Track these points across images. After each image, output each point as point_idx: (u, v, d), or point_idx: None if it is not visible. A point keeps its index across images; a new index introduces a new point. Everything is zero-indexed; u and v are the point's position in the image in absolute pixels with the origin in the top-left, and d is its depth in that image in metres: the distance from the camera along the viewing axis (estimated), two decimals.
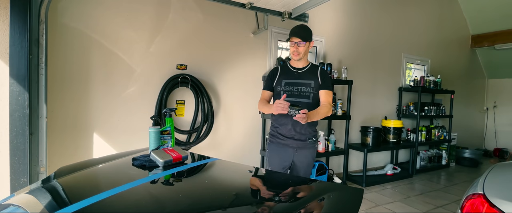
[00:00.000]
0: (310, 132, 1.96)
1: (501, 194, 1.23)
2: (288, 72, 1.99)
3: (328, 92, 1.93)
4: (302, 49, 1.90)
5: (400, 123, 4.20)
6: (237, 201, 0.92)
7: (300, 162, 1.96)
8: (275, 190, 1.08)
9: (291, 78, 1.96)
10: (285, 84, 1.94)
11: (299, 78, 1.94)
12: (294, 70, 1.98)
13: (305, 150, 1.95)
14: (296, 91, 1.92)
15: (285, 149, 1.95)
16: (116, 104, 2.52)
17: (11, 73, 1.90)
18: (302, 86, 1.93)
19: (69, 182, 1.04)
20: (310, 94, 1.92)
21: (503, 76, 6.34)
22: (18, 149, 1.93)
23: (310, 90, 1.92)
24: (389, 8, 4.46)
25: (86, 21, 2.36)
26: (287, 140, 1.94)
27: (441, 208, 3.04)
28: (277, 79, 1.98)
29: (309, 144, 1.96)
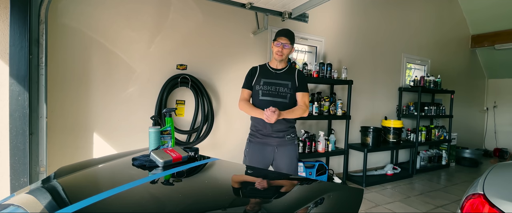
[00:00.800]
0: (288, 128, 2.01)
1: (501, 194, 1.23)
2: (267, 72, 2.05)
3: (305, 94, 2.03)
4: (286, 51, 1.98)
5: (400, 123, 4.20)
6: (237, 201, 0.92)
7: (281, 159, 1.99)
8: (275, 190, 1.08)
9: (269, 78, 2.02)
10: (263, 84, 2.00)
11: (277, 79, 2.01)
12: (273, 70, 2.04)
13: (284, 147, 2.00)
14: (274, 90, 1.99)
15: (264, 148, 2.01)
16: (116, 104, 2.53)
17: (11, 73, 1.90)
18: (279, 86, 1.99)
19: (69, 182, 1.04)
20: (287, 94, 1.99)
21: (503, 76, 6.34)
22: (18, 149, 1.93)
23: (287, 90, 1.99)
24: (389, 8, 4.46)
25: (86, 21, 2.36)
26: (266, 138, 1.99)
27: (441, 208, 3.04)
28: (256, 78, 2.04)
29: (288, 141, 2.01)
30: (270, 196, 1.00)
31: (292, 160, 2.02)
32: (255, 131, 2.04)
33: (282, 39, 1.96)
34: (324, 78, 3.48)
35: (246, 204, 0.90)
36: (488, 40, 5.78)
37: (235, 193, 1.00)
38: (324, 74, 3.49)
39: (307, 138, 3.36)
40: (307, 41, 3.65)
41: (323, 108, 3.50)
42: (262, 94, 1.99)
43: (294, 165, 2.03)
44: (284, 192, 1.06)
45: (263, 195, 1.01)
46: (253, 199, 0.95)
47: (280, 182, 1.18)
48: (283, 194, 1.03)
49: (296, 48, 3.71)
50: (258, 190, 1.07)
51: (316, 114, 3.38)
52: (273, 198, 0.98)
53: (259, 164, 2.00)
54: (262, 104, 1.96)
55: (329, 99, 3.60)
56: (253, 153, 2.03)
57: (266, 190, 1.08)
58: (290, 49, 2.00)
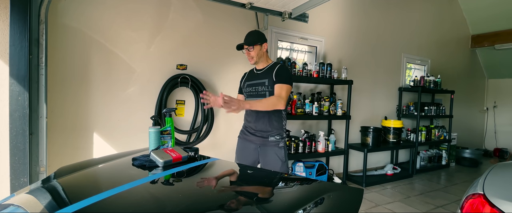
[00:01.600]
0: (272, 129, 1.95)
1: (501, 194, 1.23)
2: (251, 74, 2.12)
3: (281, 86, 1.88)
4: (253, 53, 1.98)
5: (400, 123, 4.20)
6: (237, 201, 0.92)
7: (264, 160, 1.99)
8: (275, 190, 1.08)
9: (251, 79, 2.08)
10: (246, 86, 2.09)
11: (257, 78, 2.04)
12: (256, 71, 2.09)
13: (267, 148, 1.97)
14: (254, 91, 2.03)
15: (248, 145, 2.05)
16: (116, 104, 2.52)
17: (11, 73, 1.90)
18: (258, 85, 2.02)
19: (69, 182, 1.04)
20: (266, 92, 1.97)
21: (503, 76, 6.34)
22: (18, 149, 1.93)
23: (265, 88, 1.97)
24: (389, 8, 4.46)
25: (86, 21, 2.36)
26: (251, 136, 2.03)
27: (441, 208, 3.04)
28: (243, 83, 2.14)
29: (272, 143, 1.96)
30: (270, 196, 1.00)
31: (275, 163, 1.95)
32: (243, 127, 2.13)
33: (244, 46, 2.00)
34: (324, 78, 3.48)
35: (246, 204, 0.90)
36: (488, 40, 5.78)
37: (235, 193, 1.00)
38: (324, 74, 3.49)
39: (307, 138, 3.36)
40: (307, 41, 3.65)
41: (323, 108, 3.50)
42: (247, 96, 2.10)
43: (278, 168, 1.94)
44: (284, 192, 1.06)
45: (263, 195, 1.01)
46: (253, 199, 0.95)
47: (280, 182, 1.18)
48: (283, 194, 1.03)
49: (296, 48, 3.72)
50: (258, 191, 1.07)
51: (316, 114, 3.38)
52: (273, 198, 0.98)
53: (244, 160, 2.05)
54: None
55: (329, 99, 3.60)
56: (238, 148, 2.13)
57: (266, 190, 1.08)
58: (257, 48, 1.97)
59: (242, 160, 2.08)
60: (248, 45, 1.97)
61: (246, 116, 2.09)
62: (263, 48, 2.01)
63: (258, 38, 1.98)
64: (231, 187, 1.09)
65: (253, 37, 1.98)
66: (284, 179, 1.26)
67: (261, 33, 2.01)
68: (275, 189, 1.09)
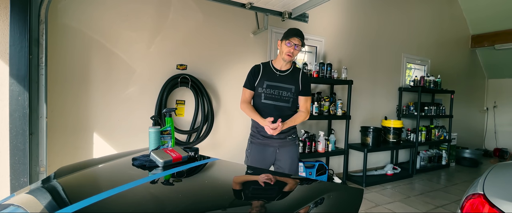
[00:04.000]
0: (289, 130, 1.99)
1: (501, 194, 1.23)
2: (270, 73, 1.97)
3: (307, 98, 2.00)
4: (297, 53, 1.92)
5: (400, 123, 4.20)
6: (237, 201, 0.92)
7: (283, 160, 1.99)
8: (275, 190, 1.08)
9: (273, 80, 1.95)
10: (266, 87, 1.94)
11: (281, 82, 1.95)
12: (277, 72, 1.97)
13: (286, 148, 1.99)
14: (277, 94, 1.94)
15: (266, 149, 1.99)
16: (116, 104, 2.52)
17: (11, 73, 1.90)
18: (283, 90, 1.94)
19: (69, 182, 1.04)
20: (290, 99, 1.96)
21: (503, 76, 6.33)
22: (18, 149, 1.93)
23: (291, 95, 1.95)
24: (389, 8, 4.46)
25: (86, 21, 2.36)
26: (267, 140, 1.97)
27: (441, 208, 3.04)
28: (259, 80, 1.96)
29: (290, 141, 2.00)
30: (270, 196, 1.00)
31: (293, 161, 2.01)
32: (256, 132, 2.00)
33: (295, 40, 1.86)
34: (324, 78, 3.48)
35: (246, 204, 0.90)
36: (488, 40, 5.78)
37: (235, 193, 1.00)
38: (324, 74, 3.49)
39: (307, 138, 3.36)
40: (307, 41, 3.63)
41: (323, 108, 3.50)
42: (265, 97, 1.94)
43: (295, 165, 2.03)
44: (284, 192, 1.06)
45: (263, 195, 1.01)
46: (253, 199, 0.95)
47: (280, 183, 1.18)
48: (283, 194, 1.03)
49: None
50: (258, 190, 1.07)
51: (316, 114, 3.38)
52: (273, 198, 0.98)
53: (261, 164, 1.98)
54: (264, 107, 1.95)
55: (329, 99, 3.60)
56: (254, 154, 2.00)
57: (266, 190, 1.08)
58: (299, 51, 1.94)
59: (258, 163, 1.99)
60: (303, 45, 1.90)
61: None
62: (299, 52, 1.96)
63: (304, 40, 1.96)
64: (231, 187, 1.08)
65: (304, 38, 1.91)
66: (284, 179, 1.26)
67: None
68: (275, 189, 1.09)
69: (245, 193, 1.01)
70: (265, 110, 1.94)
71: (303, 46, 1.94)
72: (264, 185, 1.13)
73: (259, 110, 1.97)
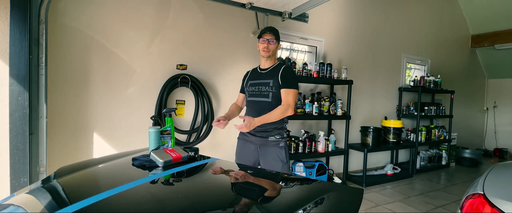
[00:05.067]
0: (273, 130, 1.91)
1: (501, 194, 1.23)
2: (255, 73, 2.07)
3: (288, 91, 1.86)
4: (272, 47, 1.94)
5: (400, 123, 4.20)
6: (237, 201, 0.92)
7: (264, 161, 1.94)
8: (275, 190, 1.08)
9: (255, 78, 2.03)
10: (249, 85, 2.03)
11: (261, 78, 1.99)
12: (260, 70, 2.04)
13: (267, 148, 1.92)
14: (257, 90, 1.98)
15: (248, 146, 2.01)
16: (116, 104, 2.52)
17: (11, 73, 1.90)
18: (261, 85, 1.96)
19: (69, 182, 1.04)
20: (269, 93, 1.92)
21: (503, 76, 6.33)
22: (18, 149, 1.93)
23: (268, 89, 1.92)
24: (389, 8, 4.46)
25: (86, 21, 2.36)
26: (250, 137, 1.99)
27: (441, 208, 3.04)
28: (246, 81, 2.09)
29: (272, 142, 1.91)
30: (270, 196, 1.00)
31: (275, 162, 1.91)
32: None
33: (267, 36, 1.92)
34: (324, 78, 3.48)
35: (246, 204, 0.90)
36: (488, 40, 5.78)
37: (235, 193, 1.00)
38: (324, 74, 3.49)
39: (307, 138, 3.36)
40: (307, 41, 3.65)
41: (323, 108, 3.50)
42: (249, 95, 2.04)
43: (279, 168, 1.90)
44: (284, 192, 1.06)
45: (263, 195, 1.01)
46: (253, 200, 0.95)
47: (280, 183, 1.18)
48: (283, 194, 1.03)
49: (296, 48, 3.71)
50: (258, 190, 1.07)
51: (316, 114, 3.38)
52: (273, 198, 0.98)
53: (245, 161, 2.02)
54: (249, 104, 2.04)
55: (329, 99, 3.60)
56: (239, 149, 2.09)
57: (266, 190, 1.08)
58: (276, 45, 1.96)
59: (242, 161, 2.04)
60: (276, 38, 1.94)
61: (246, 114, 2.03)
62: (278, 47, 2.01)
63: (279, 35, 2.00)
64: (231, 187, 1.08)
65: (277, 33, 1.97)
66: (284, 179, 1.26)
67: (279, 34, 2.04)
68: (275, 189, 1.09)
69: (245, 193, 1.01)
70: (248, 107, 2.04)
71: (278, 40, 1.96)
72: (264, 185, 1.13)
73: (246, 108, 2.07)
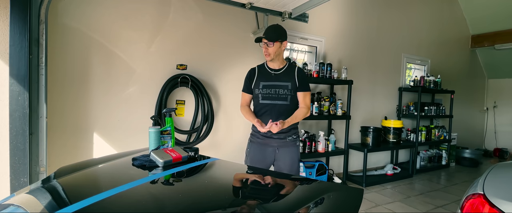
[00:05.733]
0: (289, 130, 1.96)
1: (501, 194, 1.23)
2: (265, 74, 1.97)
3: (306, 94, 1.95)
4: (271, 50, 1.87)
5: (400, 123, 4.20)
6: (237, 201, 0.92)
7: (282, 161, 1.96)
8: (275, 190, 1.08)
9: (268, 80, 1.95)
10: (262, 87, 1.94)
11: (276, 80, 1.93)
12: (271, 71, 1.97)
13: (285, 149, 1.96)
14: (274, 93, 1.92)
15: (265, 149, 1.97)
16: (116, 104, 2.52)
17: (11, 73, 1.90)
18: (279, 88, 1.91)
19: (69, 182, 1.04)
20: (288, 96, 1.92)
21: (503, 76, 6.33)
22: (18, 149, 1.93)
23: (288, 92, 1.91)
24: (389, 8, 4.46)
25: (86, 21, 2.36)
26: (267, 139, 1.95)
27: (441, 208, 3.04)
28: (255, 81, 1.98)
29: (290, 142, 1.97)
30: (270, 196, 1.00)
31: (293, 162, 1.97)
32: (256, 131, 1.99)
33: (264, 39, 1.88)
34: (324, 78, 3.48)
35: (246, 204, 0.90)
36: (488, 40, 5.78)
37: (235, 193, 1.00)
38: (324, 74, 3.49)
39: (307, 138, 3.36)
40: (307, 41, 3.65)
41: (323, 108, 3.50)
42: (262, 98, 1.94)
43: (295, 167, 1.99)
44: (284, 192, 1.06)
45: (263, 195, 1.01)
46: (253, 199, 0.95)
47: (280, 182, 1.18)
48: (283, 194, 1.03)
49: (296, 48, 3.71)
50: (258, 190, 1.07)
51: (316, 114, 3.38)
52: (273, 198, 0.98)
53: (260, 164, 1.97)
54: (263, 107, 1.94)
55: (329, 99, 3.60)
56: (254, 153, 2.00)
57: (266, 190, 1.08)
58: (277, 45, 1.88)
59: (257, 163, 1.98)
60: (269, 40, 1.85)
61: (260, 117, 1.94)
62: (282, 46, 1.91)
63: (280, 34, 1.88)
64: (230, 187, 1.08)
65: (275, 32, 1.86)
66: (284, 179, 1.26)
67: (283, 30, 1.90)
68: (275, 189, 1.09)
69: (245, 193, 1.01)
70: (264, 110, 1.94)
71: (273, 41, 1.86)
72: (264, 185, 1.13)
73: (259, 111, 1.97)
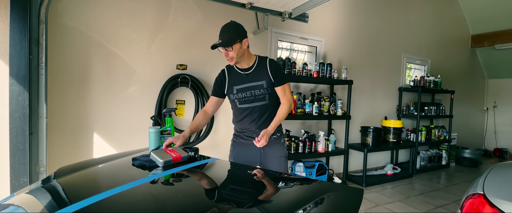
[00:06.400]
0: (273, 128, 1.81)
1: (501, 194, 1.23)
2: (236, 76, 1.80)
3: (285, 87, 1.76)
4: (232, 54, 1.65)
5: (400, 123, 4.20)
6: (237, 201, 0.92)
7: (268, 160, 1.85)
8: (275, 190, 1.08)
9: (241, 83, 1.77)
10: (237, 92, 1.78)
11: (249, 81, 1.76)
12: (242, 72, 1.78)
13: (270, 147, 1.84)
14: (250, 95, 1.77)
15: (249, 149, 1.83)
16: (116, 104, 2.52)
17: (11, 73, 1.90)
18: (254, 89, 1.75)
19: (69, 182, 1.04)
20: (265, 95, 1.77)
21: (503, 76, 6.33)
22: (18, 149, 1.93)
23: (264, 91, 1.76)
24: (389, 8, 4.46)
25: (86, 21, 2.36)
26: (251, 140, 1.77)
27: (441, 208, 3.04)
28: (228, 86, 1.81)
29: (274, 141, 1.85)
30: (270, 196, 1.00)
31: (279, 160, 1.86)
32: (240, 132, 1.89)
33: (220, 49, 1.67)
34: (324, 78, 3.48)
35: (246, 204, 0.90)
36: (488, 40, 5.78)
37: (235, 193, 1.00)
38: (324, 74, 3.49)
39: (307, 138, 3.36)
40: (307, 41, 3.65)
41: (323, 108, 3.50)
42: (240, 103, 1.81)
43: (283, 164, 1.87)
44: (284, 192, 1.06)
45: (263, 195, 1.01)
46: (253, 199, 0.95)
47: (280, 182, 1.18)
48: (283, 194, 1.03)
49: (296, 48, 3.71)
50: (258, 190, 1.07)
51: (316, 114, 3.38)
52: (273, 198, 0.98)
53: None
54: (243, 112, 1.81)
55: (329, 99, 3.60)
56: (237, 154, 1.90)
57: (266, 190, 1.08)
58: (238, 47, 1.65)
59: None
60: (225, 46, 1.62)
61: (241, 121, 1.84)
62: (243, 45, 1.68)
63: (236, 34, 1.65)
64: (230, 187, 1.08)
65: (230, 34, 1.63)
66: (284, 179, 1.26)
67: (239, 26, 1.69)
68: (275, 189, 1.09)
69: (245, 193, 1.01)
70: (244, 114, 1.81)
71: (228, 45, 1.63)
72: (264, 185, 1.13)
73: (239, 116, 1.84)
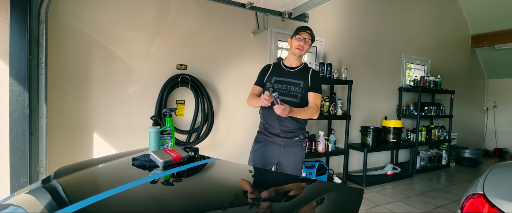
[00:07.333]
0: (297, 130, 1.94)
1: (501, 194, 1.23)
2: (279, 70, 2.00)
3: (317, 95, 1.93)
4: (307, 47, 1.93)
5: (400, 123, 4.20)
6: (237, 201, 0.92)
7: (287, 160, 1.93)
8: (275, 190, 1.08)
9: (281, 76, 1.96)
10: (274, 81, 1.95)
11: (290, 77, 1.94)
12: (286, 68, 1.99)
13: (291, 149, 1.93)
14: (285, 89, 1.92)
15: (271, 146, 1.95)
16: (116, 104, 2.53)
17: (11, 73, 1.90)
18: (291, 85, 1.92)
19: (69, 182, 1.04)
20: (298, 94, 1.91)
21: (503, 76, 6.33)
22: (18, 149, 1.93)
23: (299, 90, 1.91)
24: (389, 8, 4.46)
25: (86, 21, 2.36)
26: (274, 137, 1.93)
27: (441, 208, 3.04)
28: (268, 76, 2.00)
29: (296, 143, 1.94)
30: (270, 196, 1.00)
31: (297, 163, 1.95)
32: (263, 129, 1.99)
33: (304, 34, 1.91)
34: (324, 78, 3.49)
35: (246, 204, 0.90)
36: (488, 40, 5.78)
37: (235, 193, 1.00)
38: (324, 74, 3.49)
39: (307, 138, 3.36)
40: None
41: (323, 108, 3.50)
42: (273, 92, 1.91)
43: (299, 168, 1.97)
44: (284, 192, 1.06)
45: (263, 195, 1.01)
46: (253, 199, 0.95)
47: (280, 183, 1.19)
48: (283, 194, 1.03)
49: None
50: (258, 190, 1.07)
51: None
52: (273, 198, 0.98)
53: (263, 162, 1.95)
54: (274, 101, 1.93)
55: (329, 99, 3.60)
56: (259, 152, 1.98)
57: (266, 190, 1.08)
58: (310, 46, 1.95)
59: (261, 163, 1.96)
60: (312, 39, 1.93)
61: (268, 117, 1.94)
62: (308, 49, 1.98)
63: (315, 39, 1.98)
64: (230, 187, 1.09)
65: (313, 35, 1.95)
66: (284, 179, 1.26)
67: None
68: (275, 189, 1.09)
69: (245, 193, 1.01)
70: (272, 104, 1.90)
71: (313, 41, 1.95)
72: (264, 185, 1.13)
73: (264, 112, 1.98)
